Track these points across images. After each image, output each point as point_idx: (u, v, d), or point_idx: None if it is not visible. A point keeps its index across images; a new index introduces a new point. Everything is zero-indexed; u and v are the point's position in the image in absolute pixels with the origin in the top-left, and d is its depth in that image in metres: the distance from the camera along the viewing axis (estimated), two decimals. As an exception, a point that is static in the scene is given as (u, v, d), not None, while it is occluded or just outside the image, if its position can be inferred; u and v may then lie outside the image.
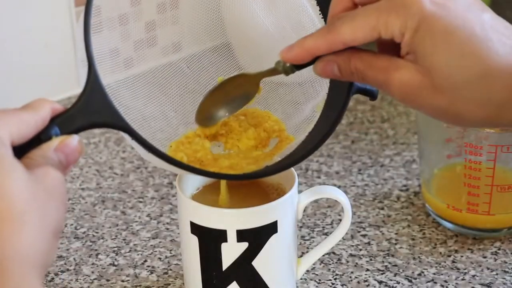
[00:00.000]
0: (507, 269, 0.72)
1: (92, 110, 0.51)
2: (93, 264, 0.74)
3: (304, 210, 0.78)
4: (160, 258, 0.74)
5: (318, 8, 0.61)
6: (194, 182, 0.67)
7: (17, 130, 0.47)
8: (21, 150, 0.47)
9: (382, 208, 0.81)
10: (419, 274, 0.71)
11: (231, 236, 0.62)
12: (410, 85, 0.50)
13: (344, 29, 0.51)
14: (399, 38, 0.50)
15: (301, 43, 0.53)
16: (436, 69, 0.49)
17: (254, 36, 0.65)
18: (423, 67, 0.49)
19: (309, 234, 0.77)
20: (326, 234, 0.77)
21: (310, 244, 0.76)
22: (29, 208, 0.43)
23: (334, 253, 0.74)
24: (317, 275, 0.72)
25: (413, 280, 0.71)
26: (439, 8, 0.49)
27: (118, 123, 0.52)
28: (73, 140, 0.49)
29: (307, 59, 0.53)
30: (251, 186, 0.67)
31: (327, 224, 0.78)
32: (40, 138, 0.49)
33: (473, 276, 0.71)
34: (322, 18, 0.61)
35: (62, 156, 0.49)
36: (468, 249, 0.75)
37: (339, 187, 0.84)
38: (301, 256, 0.70)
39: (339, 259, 0.74)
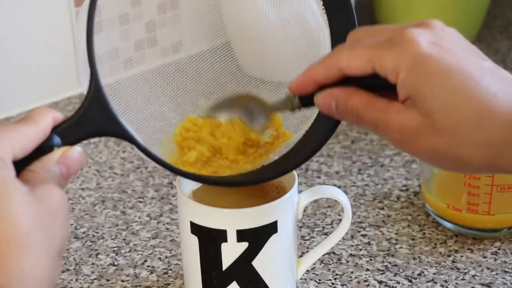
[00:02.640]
0: (507, 269, 0.72)
1: (93, 119, 0.51)
2: (93, 264, 0.74)
3: (304, 210, 0.78)
4: (160, 258, 0.74)
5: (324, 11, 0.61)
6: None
7: (19, 145, 0.47)
8: (22, 163, 0.47)
9: (382, 208, 0.81)
10: (419, 274, 0.71)
11: (231, 236, 0.62)
12: (410, 128, 0.49)
13: (342, 55, 0.51)
14: (393, 76, 0.49)
15: (304, 70, 0.54)
16: (435, 110, 0.48)
17: (255, 34, 0.65)
18: (422, 109, 0.49)
19: (309, 234, 0.77)
20: (326, 234, 0.77)
21: (310, 244, 0.76)
22: (33, 229, 0.43)
23: (334, 253, 0.74)
24: (317, 275, 0.72)
25: (413, 280, 0.71)
26: (436, 50, 0.49)
27: (121, 133, 0.52)
28: (75, 151, 0.49)
29: (309, 86, 0.53)
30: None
31: (327, 224, 0.78)
32: (41, 149, 0.48)
33: (473, 276, 0.71)
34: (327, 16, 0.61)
35: (64, 168, 0.49)
36: (468, 249, 0.75)
37: (339, 187, 0.84)
38: (301, 256, 0.70)
39: (339, 259, 0.74)
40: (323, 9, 0.61)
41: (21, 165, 0.47)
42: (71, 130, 0.50)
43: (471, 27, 1.12)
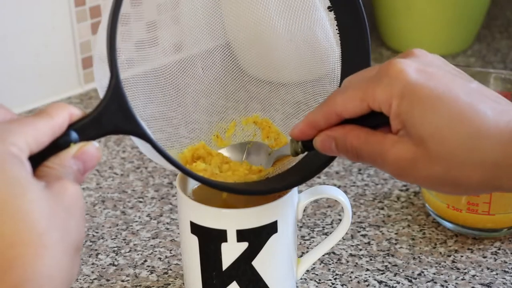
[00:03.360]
0: (507, 269, 0.72)
1: (112, 117, 0.50)
2: (93, 264, 0.74)
3: (304, 210, 0.78)
4: (160, 258, 0.74)
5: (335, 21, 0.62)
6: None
7: (34, 140, 0.46)
8: (38, 158, 0.47)
9: (382, 208, 0.81)
10: (419, 274, 0.71)
11: (231, 236, 0.62)
12: (405, 158, 0.50)
13: (336, 101, 0.53)
14: (387, 109, 0.50)
15: (305, 118, 0.55)
16: (428, 136, 0.49)
17: (256, 34, 0.65)
18: (416, 138, 0.49)
19: (309, 234, 0.77)
20: (326, 234, 0.77)
21: (310, 244, 0.76)
22: (49, 228, 0.43)
23: (334, 253, 0.74)
24: (317, 275, 0.72)
25: (413, 280, 0.71)
26: (423, 76, 0.50)
27: (138, 132, 0.52)
28: (92, 147, 0.49)
29: (311, 133, 0.55)
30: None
31: (327, 224, 0.78)
32: (58, 144, 0.48)
33: (473, 276, 0.71)
34: (336, 29, 0.62)
35: (80, 163, 0.48)
36: (468, 249, 0.75)
37: (339, 187, 0.84)
38: (301, 256, 0.70)
39: (339, 259, 0.74)
40: (336, 28, 0.61)
41: (37, 160, 0.46)
42: (89, 127, 0.50)
43: (471, 27, 1.12)
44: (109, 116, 0.50)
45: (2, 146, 0.44)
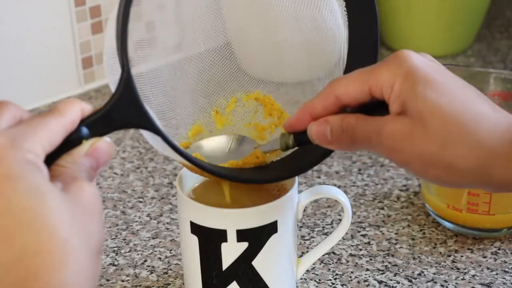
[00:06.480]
0: (507, 269, 0.72)
1: (123, 112, 0.50)
2: (93, 264, 0.74)
3: (304, 210, 0.78)
4: (160, 258, 0.74)
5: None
6: (194, 177, 0.67)
7: (48, 141, 0.46)
8: (51, 157, 0.46)
9: (382, 208, 0.81)
10: (419, 274, 0.71)
11: (231, 236, 0.62)
12: (402, 132, 0.50)
13: (339, 83, 0.54)
14: (388, 92, 0.51)
15: (300, 107, 0.55)
16: (428, 112, 0.49)
17: (256, 34, 0.65)
18: (415, 113, 0.50)
19: (309, 234, 0.77)
20: (326, 234, 0.77)
21: (310, 244, 0.76)
22: (70, 234, 0.42)
23: (334, 253, 0.74)
24: (317, 275, 0.72)
25: (413, 280, 0.71)
26: (429, 67, 0.51)
27: (149, 126, 0.51)
28: (103, 143, 0.48)
29: (306, 121, 0.55)
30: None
31: (327, 224, 0.78)
32: (70, 141, 0.47)
33: (473, 276, 0.71)
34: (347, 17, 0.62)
35: (93, 160, 0.48)
36: (468, 249, 0.75)
37: (339, 187, 0.84)
38: (301, 256, 0.70)
39: (339, 259, 0.74)
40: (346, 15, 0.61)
41: (50, 159, 0.46)
42: (100, 123, 0.49)
43: (471, 27, 1.12)
44: (120, 111, 0.50)
45: (19, 154, 0.43)
